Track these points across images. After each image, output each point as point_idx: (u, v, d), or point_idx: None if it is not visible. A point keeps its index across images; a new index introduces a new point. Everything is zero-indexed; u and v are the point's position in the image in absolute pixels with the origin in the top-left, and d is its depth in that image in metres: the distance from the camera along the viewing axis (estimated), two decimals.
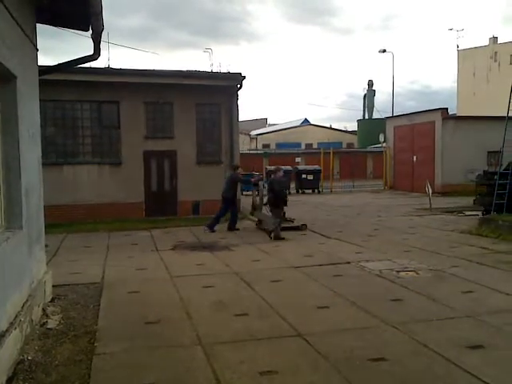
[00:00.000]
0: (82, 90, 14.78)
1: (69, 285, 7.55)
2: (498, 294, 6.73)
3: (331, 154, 27.92)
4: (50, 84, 9.41)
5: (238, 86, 16.25)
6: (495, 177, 13.69)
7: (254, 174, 19.38)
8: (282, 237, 11.61)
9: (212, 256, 9.88)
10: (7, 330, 4.41)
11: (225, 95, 16.40)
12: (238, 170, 13.97)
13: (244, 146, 42.87)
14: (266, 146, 51.49)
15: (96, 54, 6.79)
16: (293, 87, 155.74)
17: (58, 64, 7.43)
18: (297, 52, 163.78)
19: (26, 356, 4.75)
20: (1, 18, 4.63)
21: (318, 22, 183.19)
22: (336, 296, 6.79)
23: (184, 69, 16.24)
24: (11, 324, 4.57)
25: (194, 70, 16.18)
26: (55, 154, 14.98)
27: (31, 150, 5.97)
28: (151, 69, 15.63)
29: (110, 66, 16.24)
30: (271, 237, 11.72)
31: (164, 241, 11.80)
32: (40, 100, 6.76)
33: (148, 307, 6.41)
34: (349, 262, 8.91)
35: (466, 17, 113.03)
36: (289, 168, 25.16)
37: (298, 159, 34.11)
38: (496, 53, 48.62)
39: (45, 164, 7.29)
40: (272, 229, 11.82)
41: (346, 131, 61.86)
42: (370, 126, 51.56)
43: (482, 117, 25.46)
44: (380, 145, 33.79)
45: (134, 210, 15.47)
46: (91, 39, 6.60)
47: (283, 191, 12.18)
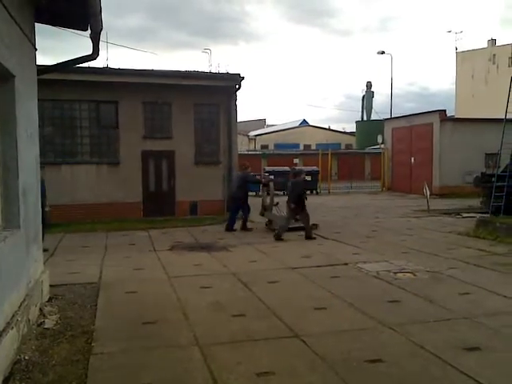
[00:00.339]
0: (80, 89, 14.76)
1: (66, 284, 7.54)
2: (495, 296, 6.74)
3: (329, 155, 27.96)
4: (48, 83, 9.37)
5: (237, 86, 16.26)
6: (493, 179, 13.73)
7: (264, 174, 19.28)
8: (282, 237, 11.73)
9: (209, 256, 9.89)
10: (4, 330, 4.40)
11: (223, 96, 16.40)
12: (247, 170, 14.04)
13: (242, 146, 42.88)
14: (264, 146, 51.47)
15: (95, 54, 6.79)
16: (291, 88, 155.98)
17: (57, 64, 7.44)
18: (295, 53, 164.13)
19: (22, 356, 4.75)
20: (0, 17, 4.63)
21: (317, 23, 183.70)
22: (333, 297, 6.80)
23: (183, 69, 16.30)
24: (8, 324, 4.57)
25: (193, 70, 16.18)
26: (53, 154, 14.97)
27: (29, 150, 5.96)
28: (150, 69, 15.62)
29: (109, 66, 16.16)
30: (280, 237, 11.79)
31: (162, 241, 11.80)
32: (38, 99, 6.75)
33: (145, 307, 6.42)
34: (346, 264, 8.92)
35: (464, 19, 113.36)
36: (287, 169, 25.16)
37: (296, 160, 34.07)
38: (494, 55, 48.71)
39: (43, 164, 7.28)
40: (278, 228, 12.05)
41: (345, 132, 61.91)
42: (369, 128, 51.61)
43: (480, 119, 25.46)
44: (378, 146, 33.81)
45: (132, 210, 15.46)
46: (90, 39, 6.60)
47: (305, 193, 12.39)
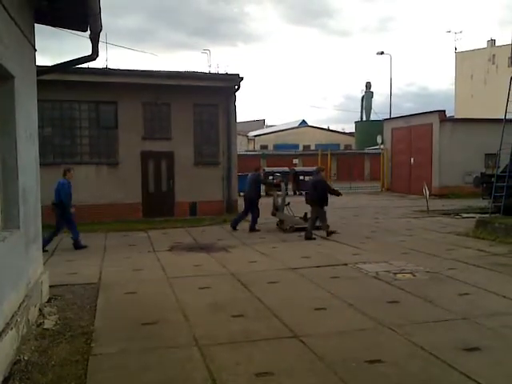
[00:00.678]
0: (80, 90, 14.77)
1: (66, 285, 7.55)
2: (494, 297, 6.74)
3: (329, 155, 27.99)
4: (48, 84, 9.41)
5: (236, 87, 16.28)
6: (492, 179, 13.74)
7: (276, 174, 19.18)
8: (313, 237, 11.77)
9: (209, 257, 9.88)
10: (4, 330, 4.40)
11: (222, 96, 16.42)
12: (259, 171, 14.09)
13: (242, 147, 42.92)
14: (263, 147, 51.52)
15: (94, 55, 6.80)
16: (291, 89, 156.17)
17: (56, 64, 7.46)
18: (294, 53, 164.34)
19: (22, 356, 4.75)
20: None
21: (316, 24, 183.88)
22: (333, 298, 6.80)
23: (182, 70, 16.31)
24: (7, 324, 4.57)
25: (192, 70, 16.23)
26: (53, 155, 14.97)
27: (29, 150, 5.96)
28: (149, 69, 15.66)
29: (108, 67, 16.18)
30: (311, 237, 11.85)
31: (161, 242, 11.79)
32: (38, 100, 6.75)
33: (145, 308, 6.41)
34: (346, 264, 8.92)
35: (463, 19, 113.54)
36: (286, 169, 25.19)
37: (295, 160, 34.10)
38: (494, 55, 48.80)
39: (42, 164, 7.27)
40: (306, 228, 12.08)
41: (344, 133, 61.99)
42: (368, 128, 51.70)
43: (479, 119, 25.47)
44: (377, 147, 33.82)
45: (132, 211, 15.46)
46: (89, 40, 6.61)
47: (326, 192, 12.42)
